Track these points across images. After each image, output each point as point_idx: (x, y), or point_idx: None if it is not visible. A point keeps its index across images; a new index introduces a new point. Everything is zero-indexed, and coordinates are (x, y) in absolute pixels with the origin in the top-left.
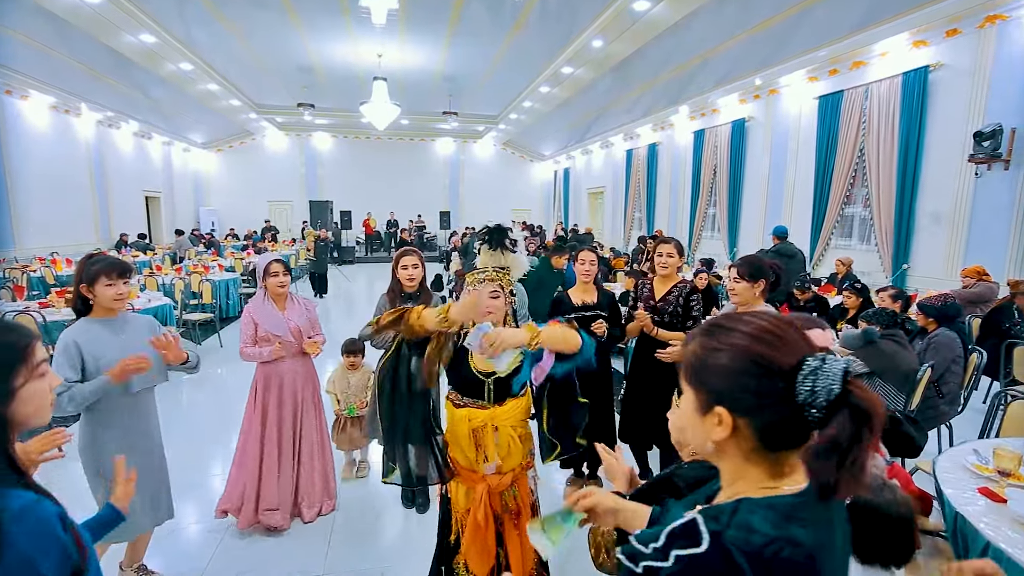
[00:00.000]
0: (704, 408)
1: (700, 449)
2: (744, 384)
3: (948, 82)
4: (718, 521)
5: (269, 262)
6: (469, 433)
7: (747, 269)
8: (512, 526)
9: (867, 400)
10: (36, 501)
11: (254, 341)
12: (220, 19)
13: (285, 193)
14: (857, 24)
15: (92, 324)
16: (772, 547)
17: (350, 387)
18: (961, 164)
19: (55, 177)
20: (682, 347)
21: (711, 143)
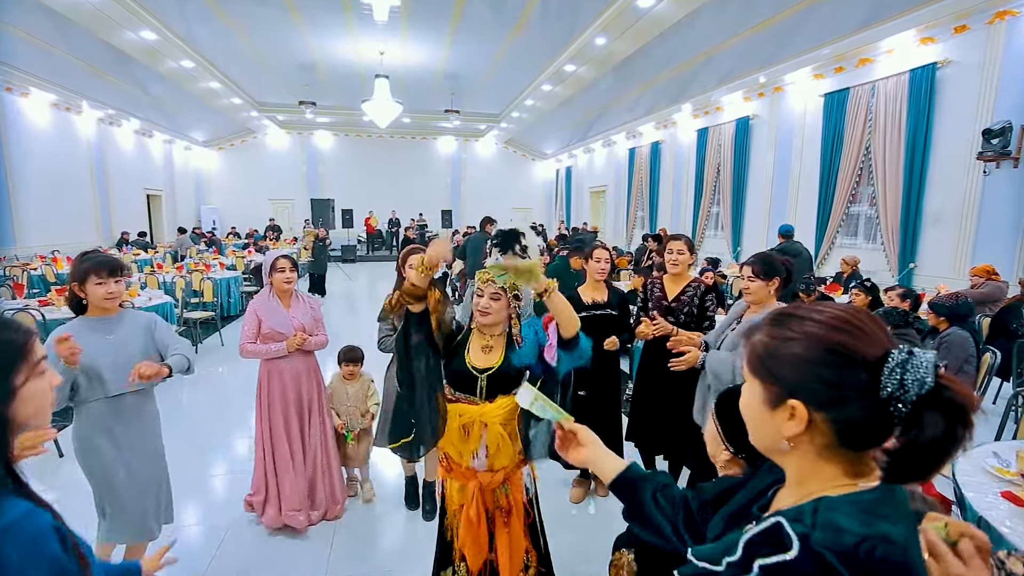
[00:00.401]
0: (774, 401)
1: (770, 447)
2: (821, 375)
3: (956, 79)
4: (802, 523)
5: (276, 258)
6: (459, 428)
7: (761, 267)
8: (502, 524)
9: (964, 395)
10: (29, 513)
11: (256, 338)
12: (221, 16)
13: (286, 191)
14: (863, 21)
15: (84, 323)
16: (865, 545)
17: (349, 399)
18: (969, 162)
19: (56, 175)
20: (744, 339)
21: (715, 141)
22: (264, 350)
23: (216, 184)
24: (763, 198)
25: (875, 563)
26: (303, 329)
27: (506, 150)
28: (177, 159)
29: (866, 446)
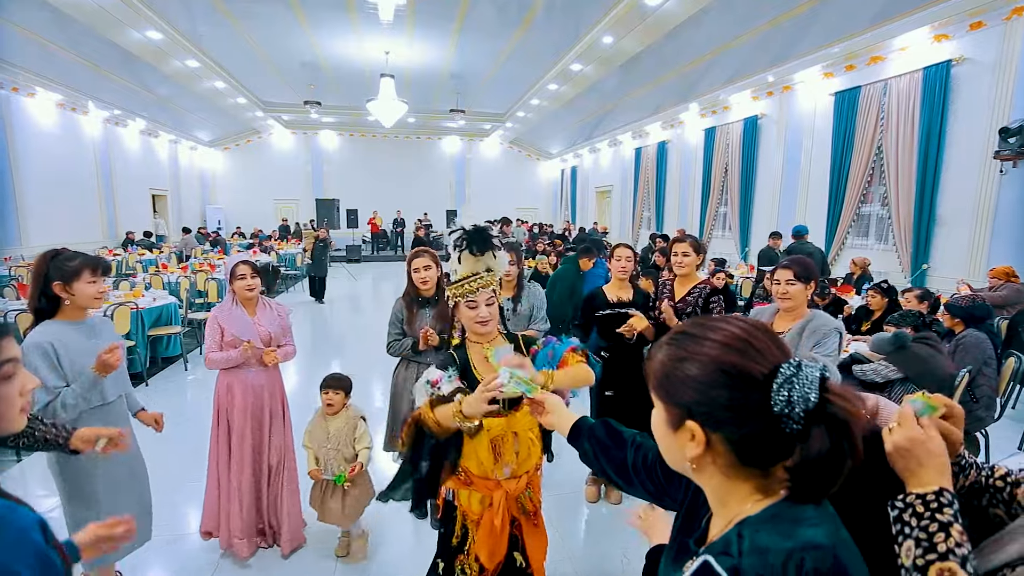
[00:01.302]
0: (675, 423)
1: (680, 467)
2: (715, 397)
3: (972, 77)
4: (729, 554)
5: (236, 264)
6: (488, 444)
7: (800, 270)
8: (532, 527)
9: (847, 409)
10: (12, 508)
11: (220, 347)
12: (226, 15)
13: (291, 191)
14: (875, 18)
15: (63, 327)
16: (794, 559)
17: (329, 439)
18: (985, 161)
19: (62, 175)
20: (647, 357)
21: (722, 141)
22: (224, 358)
23: (221, 184)
24: (772, 198)
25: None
26: (269, 337)
27: (511, 150)
28: (182, 159)
29: (770, 463)
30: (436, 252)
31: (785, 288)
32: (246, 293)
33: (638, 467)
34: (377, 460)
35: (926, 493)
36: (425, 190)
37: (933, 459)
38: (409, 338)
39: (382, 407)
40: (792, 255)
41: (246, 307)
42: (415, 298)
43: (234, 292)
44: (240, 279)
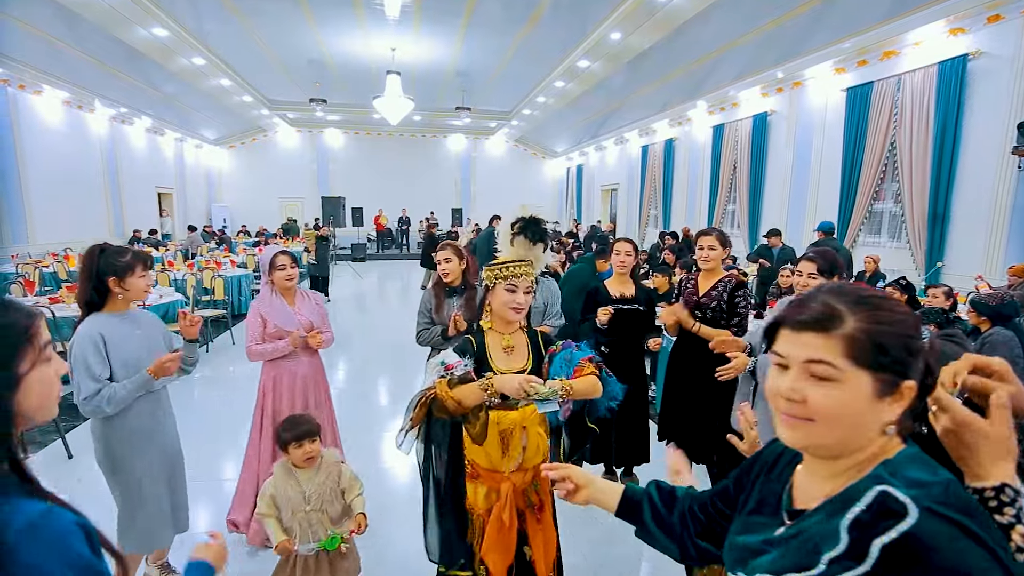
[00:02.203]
0: (886, 389)
1: (859, 439)
2: (918, 350)
3: (989, 71)
4: (903, 484)
5: (275, 255)
6: (497, 436)
7: (824, 263)
8: (535, 521)
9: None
10: (46, 512)
11: (262, 339)
12: (233, 12)
13: (297, 190)
14: (888, 13)
15: (111, 318)
16: (952, 488)
17: (308, 501)
18: (1002, 157)
19: (68, 173)
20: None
21: (731, 138)
22: (271, 349)
23: (227, 182)
24: (781, 196)
25: (964, 503)
26: (311, 326)
27: (516, 148)
28: (188, 157)
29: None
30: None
31: (807, 281)
32: (286, 283)
33: (685, 519)
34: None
35: (984, 488)
36: (430, 188)
37: (990, 445)
38: (438, 326)
39: (388, 405)
40: (818, 249)
41: (285, 297)
42: (443, 287)
43: (272, 283)
44: (280, 269)
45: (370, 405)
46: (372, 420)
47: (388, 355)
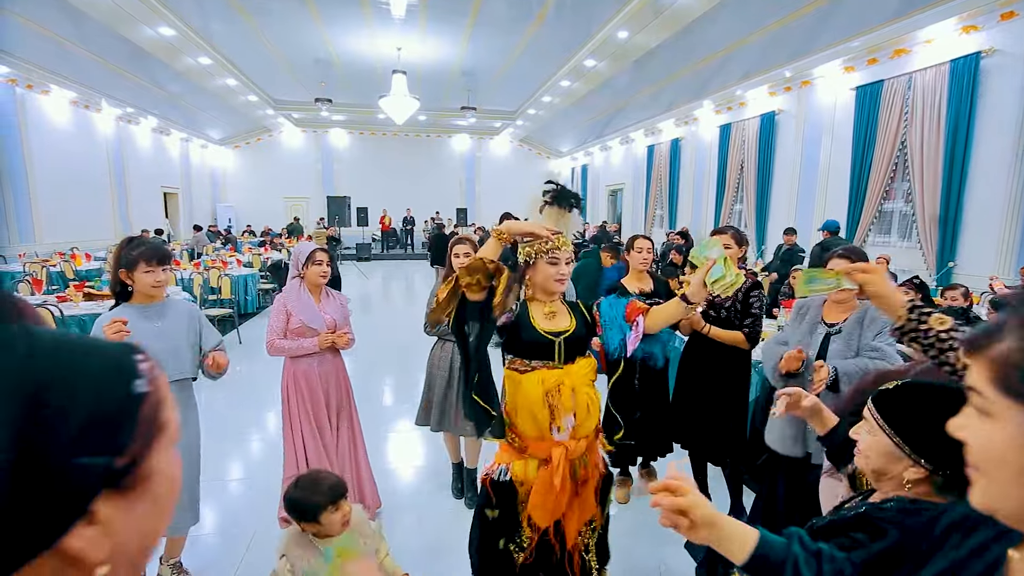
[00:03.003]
0: None
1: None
2: None
3: (1002, 69)
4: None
5: (314, 250)
6: (543, 396)
7: (855, 261)
8: (574, 494)
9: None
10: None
11: (284, 333)
12: (240, 12)
13: (302, 189)
14: (898, 11)
15: (130, 310)
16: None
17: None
18: (1015, 156)
19: (75, 172)
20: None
21: (738, 138)
22: (295, 346)
23: (232, 182)
24: (789, 195)
25: None
26: (335, 325)
27: (521, 148)
28: (194, 157)
29: None
30: (474, 241)
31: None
32: (319, 279)
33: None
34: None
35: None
36: (435, 188)
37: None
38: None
39: (392, 405)
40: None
41: (313, 294)
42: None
43: (302, 278)
44: (317, 264)
45: (374, 405)
46: (377, 420)
47: (393, 355)
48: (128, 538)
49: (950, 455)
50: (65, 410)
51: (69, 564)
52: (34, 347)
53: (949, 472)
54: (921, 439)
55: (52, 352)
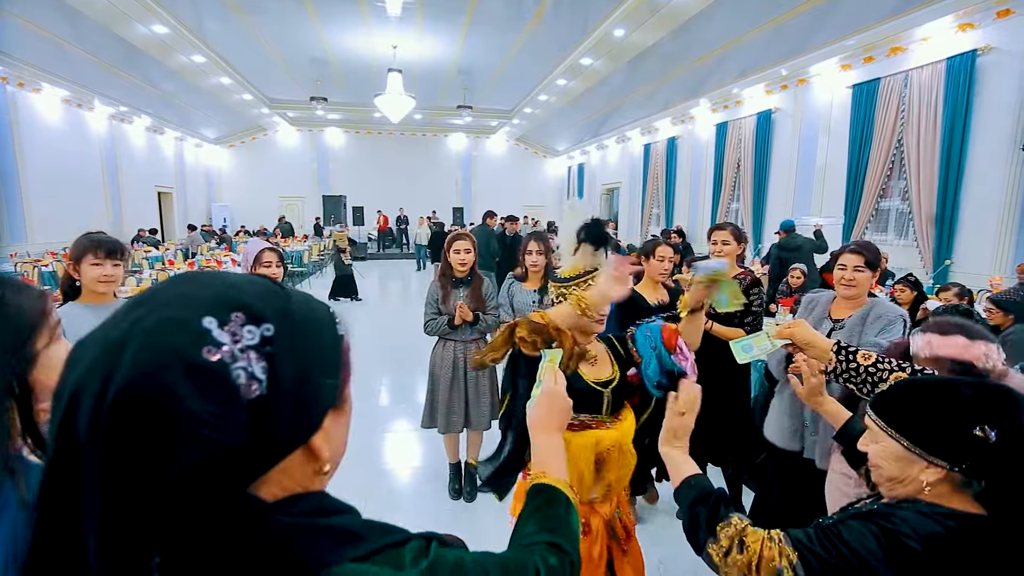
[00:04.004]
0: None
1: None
2: None
3: (999, 67)
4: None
5: (261, 250)
6: (594, 459)
7: (872, 256)
8: (621, 553)
9: None
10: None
11: None
12: (235, 10)
13: (297, 189)
14: (895, 9)
15: (77, 308)
16: None
17: None
18: (1012, 153)
19: (68, 172)
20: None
21: (734, 136)
22: None
23: (227, 182)
24: (786, 193)
25: None
26: None
27: (518, 147)
28: (188, 157)
29: None
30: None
31: (852, 275)
32: None
33: None
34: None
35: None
36: (431, 187)
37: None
38: (444, 316)
39: (389, 405)
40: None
41: None
42: (450, 278)
43: None
44: (265, 266)
45: (371, 405)
46: (374, 420)
47: (389, 354)
48: (336, 444)
49: (963, 448)
50: (313, 338)
51: (310, 457)
52: (284, 288)
53: (966, 466)
54: (931, 437)
55: (300, 298)
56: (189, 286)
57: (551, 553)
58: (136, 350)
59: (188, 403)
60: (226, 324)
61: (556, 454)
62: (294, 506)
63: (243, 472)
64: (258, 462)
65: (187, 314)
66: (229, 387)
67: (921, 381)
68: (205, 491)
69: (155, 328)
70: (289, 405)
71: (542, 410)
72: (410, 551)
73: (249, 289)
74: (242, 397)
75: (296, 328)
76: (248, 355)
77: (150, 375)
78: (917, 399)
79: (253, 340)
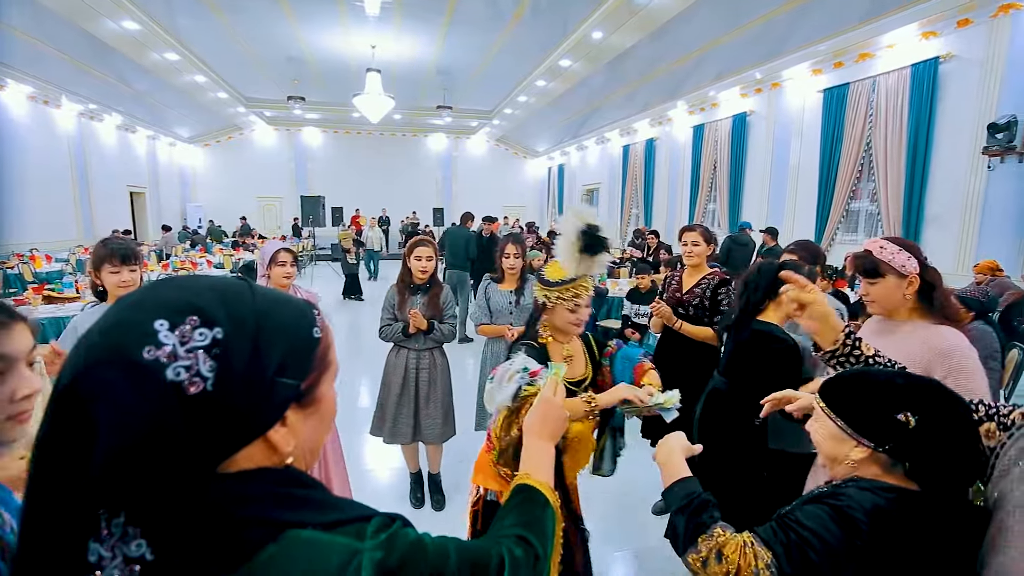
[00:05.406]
0: None
1: None
2: None
3: (959, 73)
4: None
5: (277, 250)
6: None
7: (808, 255)
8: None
9: None
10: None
11: None
12: (209, 7)
13: (275, 189)
14: (863, 16)
15: (101, 309)
16: None
17: None
18: (973, 157)
19: (34, 170)
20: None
21: (711, 138)
22: None
23: (202, 181)
24: (761, 195)
25: None
26: None
27: (498, 148)
28: (161, 156)
29: None
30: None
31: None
32: (283, 280)
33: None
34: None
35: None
36: (411, 188)
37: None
38: (400, 322)
39: (370, 406)
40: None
41: None
42: (408, 284)
43: (269, 278)
44: (280, 265)
45: (352, 407)
46: (357, 422)
47: (369, 355)
48: (305, 440)
49: (887, 430)
50: (272, 341)
51: (271, 450)
52: (255, 291)
53: (889, 447)
54: (860, 418)
55: (265, 296)
56: (157, 290)
57: (517, 545)
58: (88, 347)
59: (120, 396)
60: (178, 326)
61: (544, 459)
62: (260, 477)
63: (192, 454)
64: (212, 448)
65: (141, 316)
66: (163, 383)
67: (865, 371)
68: (137, 469)
69: (108, 328)
70: (239, 401)
71: (537, 417)
72: (372, 525)
73: (209, 295)
74: (181, 392)
75: (252, 332)
76: (195, 355)
77: (91, 370)
78: (857, 385)
79: (204, 341)
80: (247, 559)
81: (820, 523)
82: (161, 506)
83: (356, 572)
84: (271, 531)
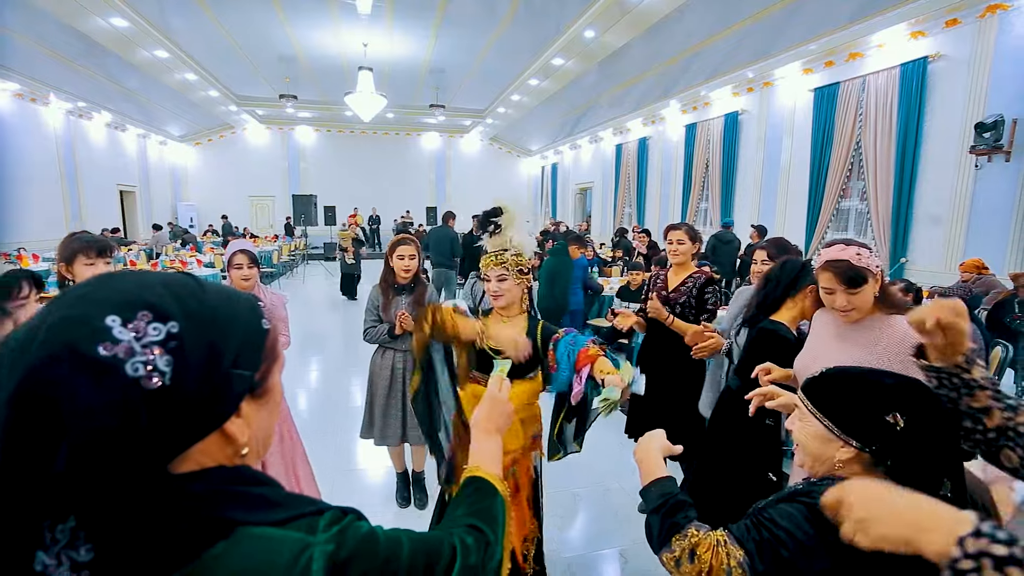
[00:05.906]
0: None
1: None
2: None
3: (947, 73)
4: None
5: (233, 253)
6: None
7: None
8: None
9: None
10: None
11: None
12: (199, 5)
13: (267, 188)
14: (853, 15)
15: None
16: None
17: None
18: (961, 156)
19: (21, 169)
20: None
21: (703, 137)
22: None
23: (193, 180)
24: (753, 194)
25: None
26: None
27: (491, 147)
28: (152, 154)
29: None
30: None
31: (761, 268)
32: (241, 283)
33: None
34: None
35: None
36: (404, 187)
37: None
38: (385, 324)
39: (359, 406)
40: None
41: None
42: (392, 284)
43: (230, 281)
44: (236, 268)
45: (341, 407)
46: (347, 422)
47: (358, 355)
48: (258, 430)
49: (875, 431)
50: (227, 333)
51: (226, 441)
52: (203, 285)
53: (875, 448)
54: (848, 419)
55: (213, 290)
56: (102, 287)
57: (468, 534)
58: (38, 345)
59: (79, 393)
60: (130, 322)
61: (492, 452)
62: (212, 476)
63: (150, 451)
64: (169, 443)
65: (90, 312)
66: (123, 379)
67: (851, 370)
68: (101, 467)
69: (56, 325)
70: (197, 395)
71: (484, 412)
72: (325, 519)
73: (159, 290)
74: (141, 388)
75: (206, 324)
76: (151, 350)
77: (43, 368)
78: (843, 385)
79: (158, 336)
80: (196, 556)
81: (793, 522)
82: (115, 505)
83: (307, 565)
84: (222, 528)
